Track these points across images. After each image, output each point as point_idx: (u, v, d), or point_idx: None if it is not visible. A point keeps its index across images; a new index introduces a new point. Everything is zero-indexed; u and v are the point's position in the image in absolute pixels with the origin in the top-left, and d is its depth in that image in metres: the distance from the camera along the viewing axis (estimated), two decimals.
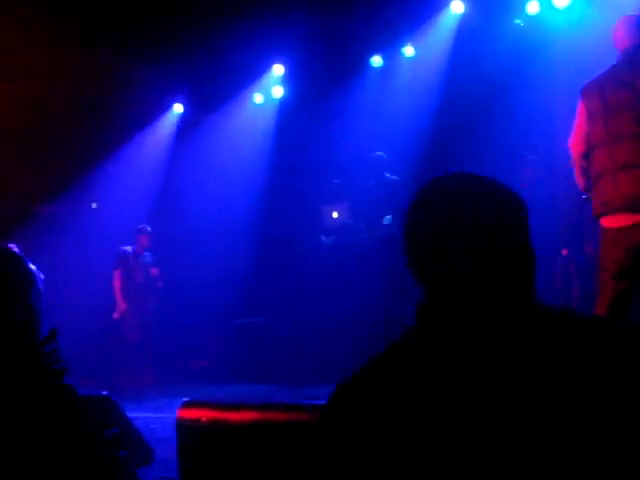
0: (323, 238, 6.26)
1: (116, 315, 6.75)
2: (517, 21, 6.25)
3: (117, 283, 6.78)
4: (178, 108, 8.26)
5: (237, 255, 7.31)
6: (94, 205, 8.48)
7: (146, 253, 6.95)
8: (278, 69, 7.55)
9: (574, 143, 3.50)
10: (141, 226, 6.94)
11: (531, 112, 5.74)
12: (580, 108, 3.46)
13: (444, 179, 1.16)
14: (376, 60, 7.02)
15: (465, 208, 1.09)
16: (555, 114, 5.47)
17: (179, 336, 7.12)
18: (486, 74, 6.16)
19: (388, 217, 6.02)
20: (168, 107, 8.28)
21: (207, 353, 7.32)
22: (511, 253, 1.08)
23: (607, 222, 3.30)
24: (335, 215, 6.18)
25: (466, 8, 6.31)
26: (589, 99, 3.41)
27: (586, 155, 3.45)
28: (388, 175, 6.47)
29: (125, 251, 6.88)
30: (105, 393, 2.22)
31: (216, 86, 7.74)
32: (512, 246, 1.08)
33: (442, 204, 1.11)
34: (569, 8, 5.94)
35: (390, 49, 6.92)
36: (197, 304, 7.25)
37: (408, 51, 6.88)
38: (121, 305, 6.74)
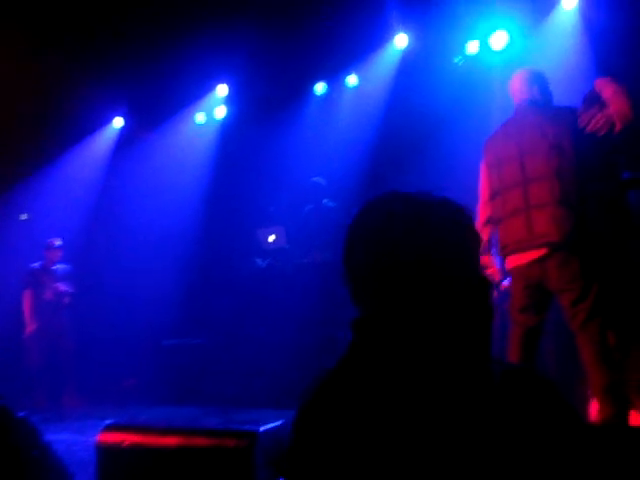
0: (259, 261, 6.26)
1: (25, 335, 6.56)
2: (457, 59, 6.46)
3: (26, 303, 6.60)
4: (118, 122, 8.14)
5: (173, 274, 7.21)
6: (24, 216, 8.22)
7: (57, 268, 6.75)
8: (222, 89, 7.54)
9: (480, 191, 3.80)
10: (49, 241, 6.77)
11: (466, 147, 5.93)
12: (483, 159, 3.76)
13: (391, 203, 1.18)
14: (320, 87, 7.11)
15: (412, 235, 1.09)
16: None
17: (108, 354, 6.94)
18: (425, 107, 6.35)
19: (321, 248, 6.09)
20: (108, 120, 8.15)
21: (136, 373, 7.15)
22: (452, 283, 1.08)
23: (512, 260, 3.53)
24: (271, 238, 6.19)
25: (409, 43, 6.48)
26: (488, 151, 3.73)
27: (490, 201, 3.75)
28: (326, 201, 6.54)
29: (33, 268, 6.69)
30: (22, 414, 2.13)
31: (159, 102, 7.67)
32: (454, 277, 1.09)
33: (389, 229, 1.12)
34: (505, 50, 6.19)
35: (334, 77, 7.03)
36: (129, 322, 7.09)
37: (352, 80, 7.01)
38: (30, 325, 6.55)
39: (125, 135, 8.24)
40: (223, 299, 6.35)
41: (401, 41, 6.43)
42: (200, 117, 7.94)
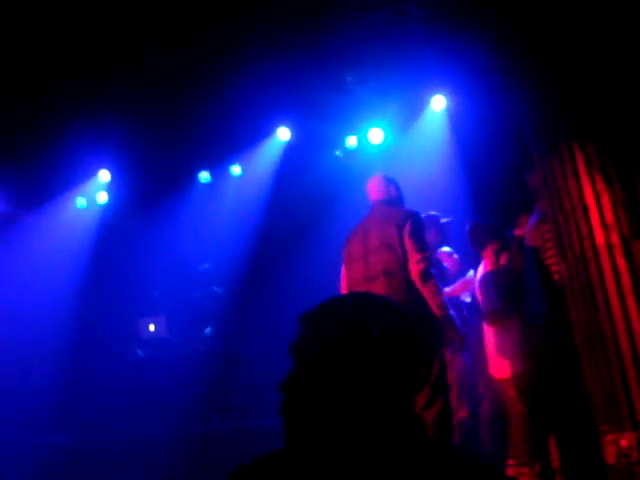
0: (139, 352, 6.06)
1: None
2: (337, 152, 6.77)
3: None
4: None
5: (45, 365, 6.78)
6: None
7: None
8: (104, 175, 7.43)
9: (342, 282, 4.01)
10: None
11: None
12: (344, 250, 3.99)
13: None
14: (204, 175, 7.17)
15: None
16: None
17: None
18: (307, 196, 6.58)
19: (208, 329, 6.01)
20: None
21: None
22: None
23: None
24: (152, 328, 6.03)
25: (291, 135, 6.72)
26: (347, 246, 3.96)
27: None
28: (215, 288, 6.51)
29: None
30: None
31: (37, 184, 7.42)
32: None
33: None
34: (382, 144, 6.57)
35: (218, 166, 7.13)
36: None
37: (236, 170, 7.13)
38: None
39: (1, 216, 7.84)
40: (102, 392, 6.03)
41: (283, 134, 6.66)
42: (81, 201, 7.73)
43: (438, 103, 6.21)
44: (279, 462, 1.15)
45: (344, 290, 3.94)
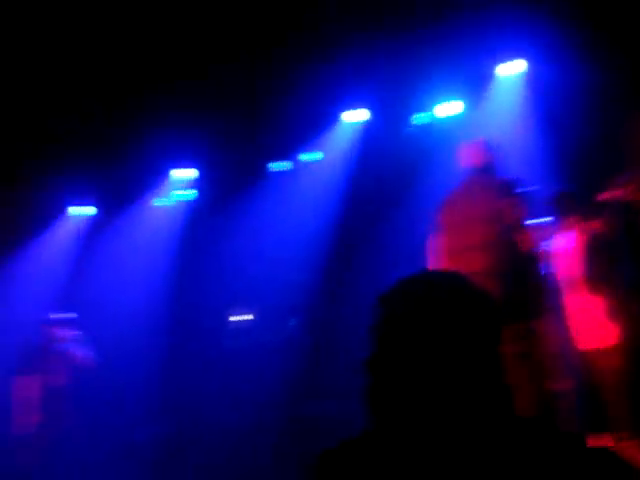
0: (229, 342, 6.21)
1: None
2: (408, 128, 6.70)
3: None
4: (89, 210, 8.08)
5: (138, 360, 6.99)
6: None
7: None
8: (187, 172, 7.64)
9: (439, 251, 3.84)
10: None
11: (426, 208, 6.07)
12: (440, 219, 3.82)
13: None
14: (282, 164, 7.26)
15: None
16: None
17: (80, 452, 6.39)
18: (386, 175, 6.54)
19: (293, 320, 6.10)
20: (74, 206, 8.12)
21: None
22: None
23: None
24: (243, 318, 6.18)
25: (368, 116, 6.71)
26: (445, 214, 3.81)
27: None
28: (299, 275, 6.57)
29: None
30: None
31: (127, 188, 7.72)
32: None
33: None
34: (456, 117, 6.45)
35: (296, 154, 7.19)
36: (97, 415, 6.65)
37: (314, 155, 7.18)
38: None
39: (97, 221, 8.17)
40: (195, 384, 6.15)
41: (358, 115, 6.65)
42: (166, 199, 7.98)
43: (514, 68, 6.01)
44: (366, 445, 1.16)
45: (442, 260, 3.80)
